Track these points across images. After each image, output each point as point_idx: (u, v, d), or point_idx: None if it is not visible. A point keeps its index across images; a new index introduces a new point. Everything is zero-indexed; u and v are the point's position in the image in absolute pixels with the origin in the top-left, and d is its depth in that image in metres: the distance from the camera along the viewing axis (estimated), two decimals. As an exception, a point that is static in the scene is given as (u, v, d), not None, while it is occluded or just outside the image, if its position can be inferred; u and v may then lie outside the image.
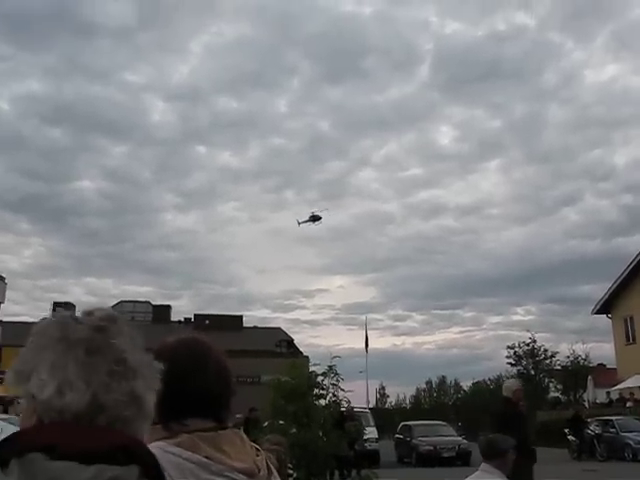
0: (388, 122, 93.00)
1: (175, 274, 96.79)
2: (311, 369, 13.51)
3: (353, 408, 19.46)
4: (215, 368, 1.91)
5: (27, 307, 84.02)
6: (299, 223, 37.08)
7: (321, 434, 12.30)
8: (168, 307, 61.70)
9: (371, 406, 51.42)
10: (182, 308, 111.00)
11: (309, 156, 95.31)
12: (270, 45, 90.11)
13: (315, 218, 36.95)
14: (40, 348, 1.13)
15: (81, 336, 1.13)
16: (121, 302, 55.17)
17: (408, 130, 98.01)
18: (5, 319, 44.43)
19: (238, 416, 26.14)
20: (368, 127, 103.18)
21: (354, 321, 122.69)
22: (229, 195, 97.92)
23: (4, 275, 44.98)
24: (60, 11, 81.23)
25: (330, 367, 12.95)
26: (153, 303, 60.98)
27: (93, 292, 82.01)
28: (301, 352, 46.95)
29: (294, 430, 11.77)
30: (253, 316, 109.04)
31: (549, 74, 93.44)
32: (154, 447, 1.45)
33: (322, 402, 13.15)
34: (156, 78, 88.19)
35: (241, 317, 60.31)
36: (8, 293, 45.88)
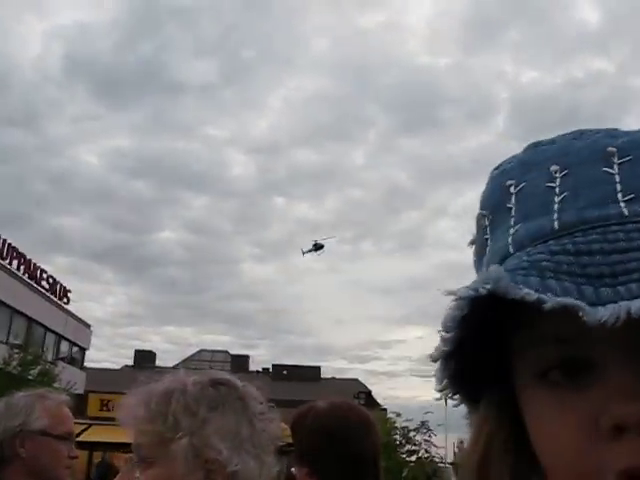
0: (465, 172, 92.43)
1: (253, 324, 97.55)
2: (403, 424, 13.15)
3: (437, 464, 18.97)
4: (374, 433, 1.94)
5: (109, 354, 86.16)
6: (303, 253, 36.64)
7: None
8: (246, 357, 61.93)
9: (449, 461, 49.97)
10: (260, 358, 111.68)
11: (386, 206, 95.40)
12: (347, 98, 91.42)
13: (318, 247, 36.38)
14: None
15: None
16: (200, 351, 55.80)
17: (485, 179, 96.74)
18: (89, 365, 45.54)
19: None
20: (444, 177, 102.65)
21: (432, 373, 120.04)
22: (307, 246, 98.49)
23: (90, 323, 46.32)
24: (147, 72, 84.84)
25: (422, 423, 12.58)
26: (231, 352, 61.36)
27: (172, 340, 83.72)
28: (379, 404, 46.24)
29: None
30: (330, 367, 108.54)
31: (630, 119, 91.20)
32: None
33: (413, 458, 12.75)
34: (237, 132, 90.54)
35: (319, 368, 59.93)
36: (92, 340, 47.16)
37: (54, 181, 78.90)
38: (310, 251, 34.69)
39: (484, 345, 0.50)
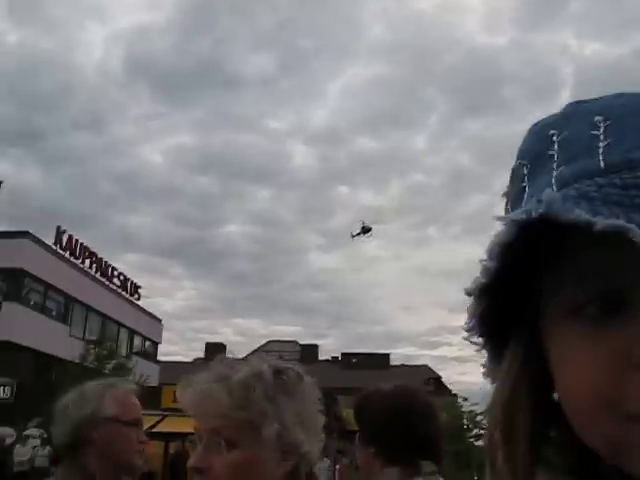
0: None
1: (322, 313, 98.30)
2: (469, 408, 13.08)
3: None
4: (437, 416, 2.08)
5: (181, 347, 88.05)
6: (352, 236, 36.28)
7: (476, 477, 11.84)
8: (315, 346, 62.34)
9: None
10: (329, 347, 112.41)
11: (450, 191, 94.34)
12: (406, 83, 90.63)
13: (366, 230, 35.91)
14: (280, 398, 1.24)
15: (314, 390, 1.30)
16: (269, 342, 56.42)
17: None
18: (162, 358, 46.59)
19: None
20: (510, 158, 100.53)
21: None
22: (372, 233, 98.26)
23: (161, 317, 47.35)
24: (206, 68, 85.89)
25: None
26: (300, 342, 61.84)
27: (242, 332, 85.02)
28: (449, 390, 45.88)
29: (454, 471, 11.38)
30: (399, 354, 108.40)
31: None
32: None
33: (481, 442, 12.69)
34: (297, 123, 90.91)
35: (388, 355, 59.87)
36: (164, 334, 48.21)
37: (121, 180, 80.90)
38: (359, 234, 34.50)
39: (515, 284, 0.50)
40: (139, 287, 42.52)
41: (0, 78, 69.88)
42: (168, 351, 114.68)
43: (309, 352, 58.12)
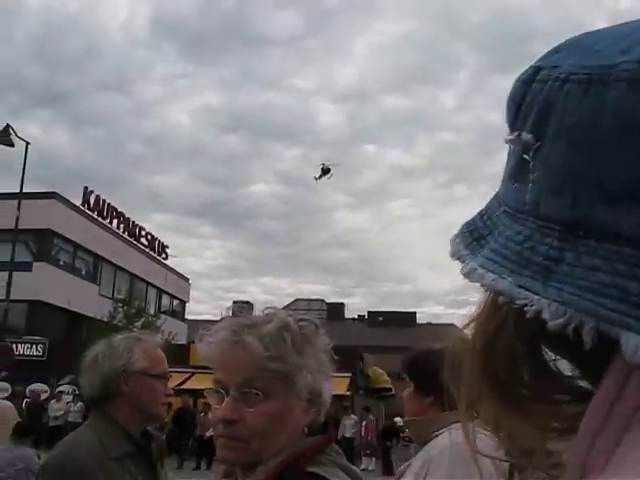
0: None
1: (348, 272, 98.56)
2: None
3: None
4: None
5: (209, 306, 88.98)
6: (316, 179, 35.88)
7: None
8: (342, 305, 62.58)
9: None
10: (356, 306, 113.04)
11: (480, 149, 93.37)
12: (434, 39, 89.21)
13: (325, 171, 35.39)
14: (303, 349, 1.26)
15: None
16: (296, 300, 56.75)
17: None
18: (190, 317, 47.16)
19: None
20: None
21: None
22: (399, 192, 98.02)
23: (188, 277, 47.80)
24: (232, 27, 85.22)
25: None
26: (327, 301, 62.13)
27: (270, 291, 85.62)
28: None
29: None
30: (426, 312, 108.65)
31: None
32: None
33: None
34: (324, 82, 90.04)
35: (414, 314, 59.98)
36: (192, 293, 48.73)
37: (148, 141, 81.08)
38: (321, 177, 34.15)
39: None
40: (166, 247, 42.89)
41: (26, 40, 69.97)
42: (196, 310, 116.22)
43: (336, 311, 58.34)
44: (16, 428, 5.90)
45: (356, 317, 61.19)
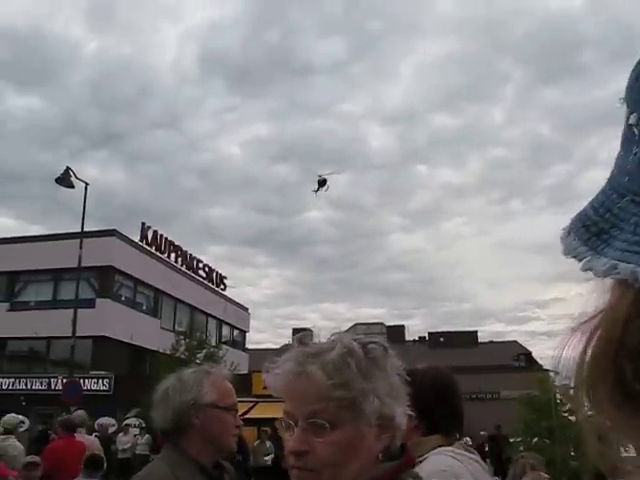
0: (614, 116, 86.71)
1: (407, 294, 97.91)
2: (562, 382, 12.72)
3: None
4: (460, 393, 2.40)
5: (269, 334, 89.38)
6: (315, 192, 35.38)
7: (572, 452, 11.54)
8: (402, 327, 62.10)
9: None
10: (416, 327, 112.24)
11: (532, 163, 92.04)
12: (479, 56, 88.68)
13: (321, 183, 34.73)
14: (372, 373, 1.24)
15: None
16: (355, 325, 56.50)
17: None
18: (250, 346, 47.40)
19: (482, 433, 25.53)
20: (591, 125, 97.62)
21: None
22: (453, 211, 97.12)
23: (247, 306, 48.14)
24: (277, 58, 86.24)
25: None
26: (387, 324, 61.74)
27: (328, 317, 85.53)
28: (541, 365, 45.06)
29: (549, 447, 11.12)
30: (487, 331, 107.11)
31: None
32: (450, 451, 2.12)
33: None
34: (371, 105, 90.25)
35: (475, 332, 59.10)
36: (251, 322, 49.04)
37: (201, 175, 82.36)
38: (318, 189, 33.86)
39: None
40: (224, 277, 43.33)
41: (83, 86, 72.17)
42: (256, 339, 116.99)
43: (396, 333, 57.85)
44: (88, 461, 6.03)
45: (416, 339, 60.65)
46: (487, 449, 24.16)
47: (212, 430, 2.22)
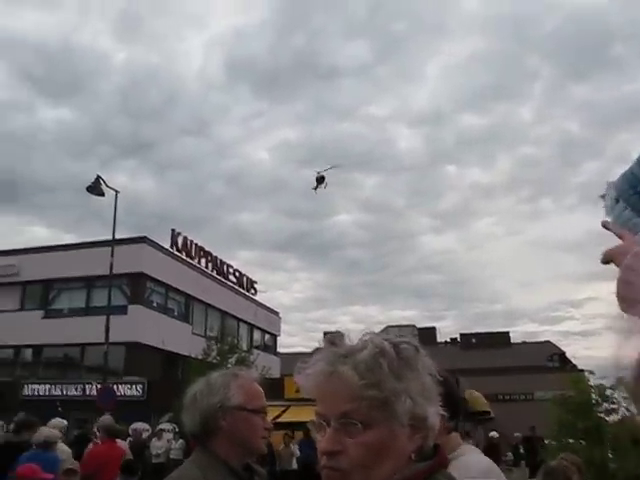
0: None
1: (438, 295, 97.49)
2: (597, 382, 12.51)
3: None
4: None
5: (300, 338, 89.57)
6: (315, 189, 34.92)
7: (610, 454, 11.35)
8: (433, 329, 61.77)
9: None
10: (447, 329, 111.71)
11: (562, 160, 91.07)
12: (506, 54, 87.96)
13: (319, 180, 34.23)
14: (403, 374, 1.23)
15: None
16: (387, 327, 56.32)
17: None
18: (282, 350, 47.50)
19: (516, 434, 25.27)
20: (623, 120, 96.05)
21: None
22: (483, 211, 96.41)
23: (278, 310, 48.26)
24: (303, 62, 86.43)
25: (620, 379, 11.89)
26: (418, 326, 61.48)
27: (360, 320, 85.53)
28: (575, 365, 44.47)
29: (585, 448, 10.95)
30: (520, 331, 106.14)
31: None
32: (475, 449, 2.30)
33: (613, 418, 12.09)
34: (398, 107, 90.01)
35: (508, 333, 58.57)
36: (282, 326, 49.14)
37: (230, 180, 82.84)
38: (317, 187, 33.53)
39: None
40: (255, 282, 43.50)
41: (112, 95, 73.03)
42: (287, 343, 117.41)
43: (427, 335, 57.52)
44: (124, 466, 6.09)
45: (448, 340, 60.34)
46: (522, 451, 23.97)
47: (240, 432, 2.23)
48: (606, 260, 1.16)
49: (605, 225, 1.19)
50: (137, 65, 73.91)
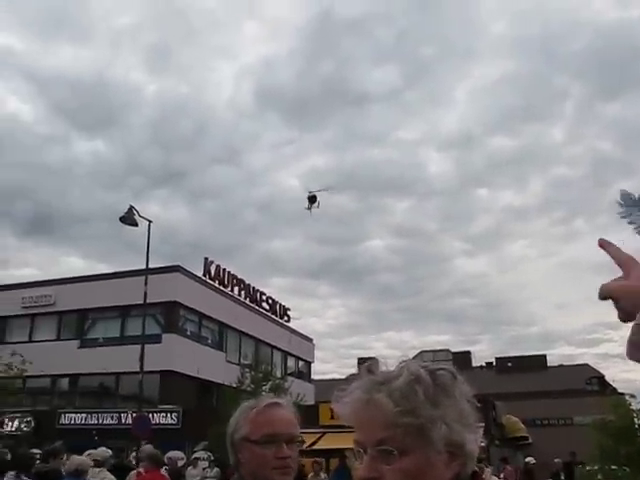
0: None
1: (472, 319, 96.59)
2: (639, 406, 12.22)
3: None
4: None
5: (334, 365, 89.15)
6: (309, 209, 34.27)
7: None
8: (468, 353, 61.17)
9: None
10: (482, 353, 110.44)
11: (595, 180, 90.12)
12: (535, 75, 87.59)
13: (312, 199, 33.59)
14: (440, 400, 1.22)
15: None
16: (421, 352, 55.89)
17: None
18: (316, 377, 47.33)
19: (556, 460, 24.74)
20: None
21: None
22: (516, 233, 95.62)
23: (312, 337, 48.17)
24: (331, 89, 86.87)
25: None
26: (452, 350, 60.91)
27: (394, 346, 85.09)
28: (615, 389, 43.57)
29: (629, 475, 10.63)
30: (556, 354, 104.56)
31: None
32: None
33: None
34: (428, 131, 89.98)
35: (544, 356, 57.74)
36: (316, 353, 49.00)
37: (262, 208, 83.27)
38: (310, 207, 33.11)
39: None
40: (288, 309, 43.50)
41: (144, 127, 74.26)
42: (321, 370, 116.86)
43: (462, 359, 56.94)
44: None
45: (484, 364, 59.67)
46: (562, 477, 23.46)
47: (250, 465, 2.17)
48: (604, 297, 1.13)
49: (602, 245, 1.16)
50: (168, 96, 75.12)
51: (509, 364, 54.68)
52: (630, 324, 1.01)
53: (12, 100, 74.45)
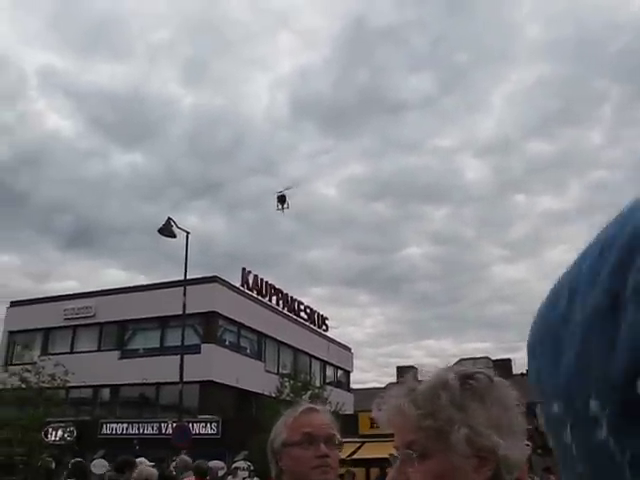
0: None
1: (512, 326, 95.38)
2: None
3: None
4: None
5: (373, 374, 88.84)
6: (282, 210, 33.63)
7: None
8: (509, 360, 60.44)
9: None
10: (523, 360, 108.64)
11: (635, 183, 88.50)
12: (573, 78, 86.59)
13: (281, 200, 32.91)
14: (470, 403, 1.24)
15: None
16: (461, 360, 55.45)
17: None
18: (355, 386, 47.18)
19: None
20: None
21: None
22: (556, 239, 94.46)
23: (350, 346, 48.05)
24: (367, 97, 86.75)
25: None
26: (492, 358, 60.28)
27: (433, 354, 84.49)
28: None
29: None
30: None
31: None
32: None
33: None
34: (465, 137, 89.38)
35: (587, 364, 56.75)
36: (355, 362, 48.85)
37: (299, 218, 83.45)
38: (280, 208, 32.70)
39: None
40: (326, 319, 43.49)
41: (181, 139, 75.03)
42: (360, 379, 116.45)
43: (502, 367, 56.17)
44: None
45: (524, 372, 58.88)
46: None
47: (293, 470, 2.19)
48: None
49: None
50: (204, 109, 75.77)
51: (551, 372, 53.93)
52: None
53: (53, 117, 75.84)
